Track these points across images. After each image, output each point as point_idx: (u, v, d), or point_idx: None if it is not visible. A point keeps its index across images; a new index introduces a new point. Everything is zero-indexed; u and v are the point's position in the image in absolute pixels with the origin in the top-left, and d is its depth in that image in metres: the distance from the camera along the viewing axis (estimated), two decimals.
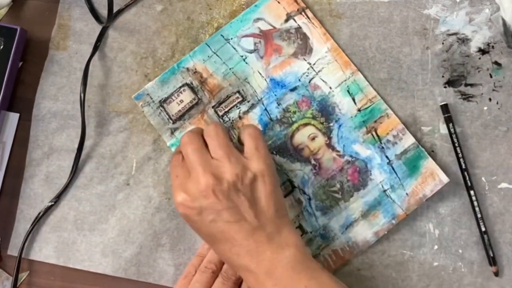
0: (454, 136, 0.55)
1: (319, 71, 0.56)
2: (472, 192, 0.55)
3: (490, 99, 0.56)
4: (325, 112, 0.56)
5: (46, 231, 0.56)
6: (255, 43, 0.57)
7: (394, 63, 0.57)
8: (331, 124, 0.56)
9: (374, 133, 0.56)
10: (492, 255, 0.54)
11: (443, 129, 0.56)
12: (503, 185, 0.56)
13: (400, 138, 0.55)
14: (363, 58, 0.57)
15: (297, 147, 0.56)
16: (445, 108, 0.56)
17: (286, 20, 0.57)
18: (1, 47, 0.55)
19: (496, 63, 0.57)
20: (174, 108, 0.56)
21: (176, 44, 0.57)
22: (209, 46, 0.57)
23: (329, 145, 0.56)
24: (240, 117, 0.56)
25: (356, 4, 0.58)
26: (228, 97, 0.56)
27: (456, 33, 0.57)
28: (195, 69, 0.56)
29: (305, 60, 0.56)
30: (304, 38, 0.57)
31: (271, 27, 0.57)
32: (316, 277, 0.47)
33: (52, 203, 0.55)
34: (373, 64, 0.57)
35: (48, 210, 0.56)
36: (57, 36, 0.58)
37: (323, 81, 0.56)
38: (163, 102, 0.56)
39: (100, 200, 0.56)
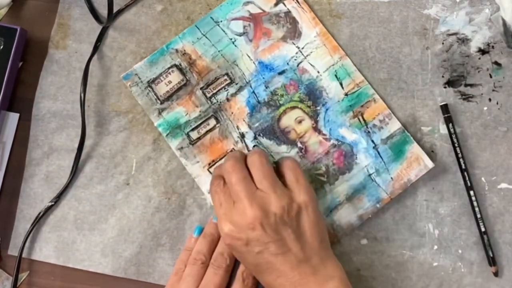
0: (454, 136, 0.55)
1: (307, 55, 0.57)
2: (472, 192, 0.55)
3: (490, 99, 0.56)
4: (313, 96, 0.56)
5: (46, 231, 0.56)
6: (244, 26, 0.57)
7: (394, 63, 0.57)
8: (318, 108, 0.56)
9: (360, 117, 0.56)
10: (492, 255, 0.54)
11: (443, 129, 0.56)
12: (503, 185, 0.56)
13: (386, 123, 0.56)
14: (363, 58, 0.57)
15: (284, 130, 0.56)
16: (445, 108, 0.56)
17: (276, 4, 0.57)
18: (1, 47, 0.56)
19: (496, 63, 0.57)
20: (162, 88, 0.56)
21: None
22: (198, 28, 0.57)
23: (316, 129, 0.56)
24: (228, 99, 0.56)
25: (356, 4, 0.58)
26: (216, 79, 0.57)
27: (456, 33, 0.57)
28: (184, 50, 0.57)
29: (294, 44, 0.57)
30: (294, 22, 0.57)
31: (260, 11, 0.57)
32: None
33: (52, 203, 0.55)
34: (373, 64, 0.57)
35: (48, 210, 0.56)
36: (56, 35, 0.58)
37: (311, 65, 0.57)
38: (151, 83, 0.57)
39: (100, 200, 0.56)
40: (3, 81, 0.55)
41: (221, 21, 0.57)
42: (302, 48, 0.57)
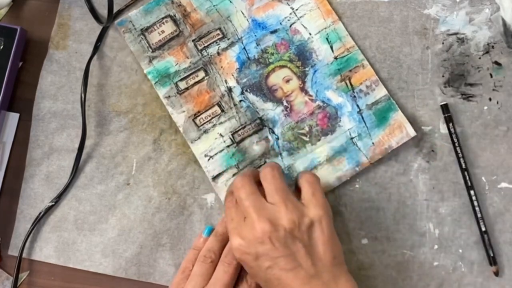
0: (454, 136, 0.55)
1: (300, 17, 0.57)
2: (472, 192, 0.55)
3: (490, 99, 0.57)
4: (302, 57, 0.57)
5: (46, 231, 0.56)
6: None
7: (394, 62, 0.57)
8: (307, 69, 0.57)
9: (348, 81, 0.56)
10: (492, 255, 0.54)
11: (443, 129, 0.56)
12: (503, 185, 0.56)
13: (372, 89, 0.56)
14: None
15: (271, 88, 0.57)
16: (445, 108, 0.56)
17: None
18: (1, 47, 0.55)
19: (496, 63, 0.57)
20: (155, 37, 0.57)
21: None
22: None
23: (303, 89, 0.57)
24: (218, 53, 0.57)
25: (356, 4, 0.58)
26: (209, 32, 0.57)
27: (456, 33, 0.57)
28: (180, 2, 0.57)
29: (289, 5, 0.57)
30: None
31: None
32: None
33: (53, 203, 0.55)
34: (373, 64, 0.57)
35: (48, 210, 0.56)
36: (56, 35, 0.58)
37: (303, 26, 0.57)
38: (144, 31, 0.57)
39: (101, 200, 0.56)
40: (3, 81, 0.55)
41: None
42: (296, 9, 0.57)
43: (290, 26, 0.57)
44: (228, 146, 0.56)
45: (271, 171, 0.49)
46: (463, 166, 0.55)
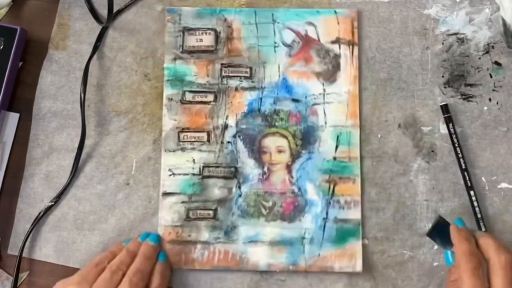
0: (454, 136, 0.55)
1: (327, 102, 0.56)
2: (472, 192, 0.55)
3: (490, 99, 0.56)
4: (306, 139, 0.56)
5: (46, 231, 0.56)
6: (293, 40, 0.57)
7: (394, 63, 0.57)
8: (303, 152, 0.56)
9: (332, 186, 0.55)
10: None
11: (443, 129, 0.56)
12: (503, 185, 0.56)
13: (349, 207, 0.55)
14: (363, 58, 0.57)
15: (262, 148, 0.56)
16: (445, 108, 0.56)
17: (333, 42, 0.57)
18: (1, 47, 0.56)
19: (496, 63, 0.57)
20: (191, 41, 0.57)
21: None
22: (255, 15, 0.57)
23: (289, 167, 0.56)
24: (236, 89, 0.57)
25: (356, 4, 0.58)
26: (239, 66, 0.57)
27: (456, 33, 0.57)
28: (231, 24, 0.57)
29: (323, 86, 0.56)
30: (336, 67, 0.57)
31: (316, 38, 0.57)
32: None
33: (52, 203, 0.55)
34: (373, 64, 0.57)
35: (48, 210, 0.56)
36: (56, 36, 0.58)
37: (324, 112, 0.56)
38: (186, 30, 0.57)
39: (100, 200, 0.56)
40: (3, 81, 0.55)
41: (278, 23, 0.57)
42: (327, 93, 0.56)
43: (313, 105, 0.56)
44: (193, 174, 0.56)
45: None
46: (463, 166, 0.55)
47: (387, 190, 0.56)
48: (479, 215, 0.55)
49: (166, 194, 0.55)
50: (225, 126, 0.56)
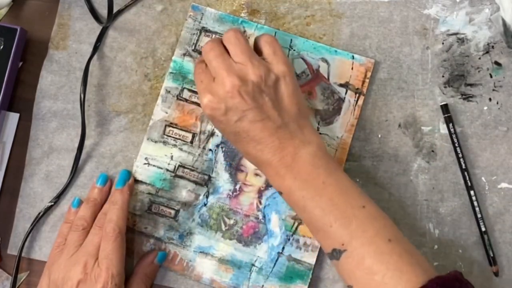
0: (454, 136, 0.55)
1: None
2: (472, 192, 0.55)
3: (490, 99, 0.56)
4: None
5: (46, 230, 0.56)
6: (303, 72, 0.57)
7: (394, 63, 0.57)
8: None
9: (296, 225, 0.55)
10: (492, 255, 0.54)
11: (443, 129, 0.56)
12: (503, 185, 0.56)
13: (307, 249, 0.55)
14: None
15: (240, 166, 0.56)
16: (445, 108, 0.56)
17: (341, 85, 0.56)
18: (1, 47, 0.56)
19: (496, 63, 0.57)
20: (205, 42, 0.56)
21: (176, 44, 0.57)
22: (275, 36, 0.56)
23: (260, 192, 0.56)
24: None
25: (356, 4, 0.58)
26: None
27: (456, 33, 0.57)
28: (249, 37, 0.56)
29: (318, 124, 0.56)
30: (337, 111, 0.56)
31: (326, 76, 0.56)
32: (334, 174, 0.49)
33: (52, 203, 0.55)
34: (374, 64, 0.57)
35: (48, 210, 0.56)
36: (56, 36, 0.58)
37: None
38: (203, 30, 0.57)
39: None
40: (3, 81, 0.55)
41: (294, 50, 0.57)
42: (320, 133, 0.56)
43: None
44: (167, 170, 0.56)
45: (235, 33, 0.51)
46: (463, 166, 0.55)
47: (387, 190, 0.56)
48: (479, 215, 0.55)
49: (135, 181, 0.56)
50: (211, 134, 0.56)
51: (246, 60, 0.49)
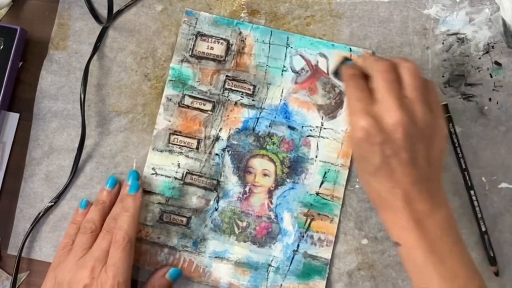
0: (454, 135, 0.55)
1: (321, 137, 0.56)
2: (472, 192, 0.55)
3: (490, 99, 0.57)
4: (293, 168, 0.56)
5: (46, 231, 0.56)
6: (302, 68, 0.57)
7: None
8: (288, 180, 0.55)
9: (309, 220, 0.55)
10: (492, 255, 0.54)
11: None
12: (503, 185, 0.56)
13: (322, 245, 0.55)
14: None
15: (248, 168, 0.56)
16: (445, 108, 0.56)
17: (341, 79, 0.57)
18: (1, 47, 0.56)
19: (496, 63, 0.57)
20: (202, 47, 0.57)
21: (176, 44, 0.57)
22: (271, 35, 0.57)
23: (270, 192, 0.56)
24: (235, 103, 0.56)
25: (356, 4, 0.58)
26: (244, 81, 0.56)
27: (456, 33, 0.57)
28: (245, 38, 0.57)
29: (322, 119, 0.56)
30: (339, 104, 0.56)
31: (325, 71, 0.56)
32: (460, 245, 0.47)
33: (52, 203, 0.55)
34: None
35: (48, 210, 0.56)
36: (56, 36, 0.58)
37: (317, 146, 0.56)
38: (199, 35, 0.57)
39: None
40: (3, 81, 0.55)
41: (292, 47, 0.57)
42: (324, 128, 0.56)
43: (307, 136, 0.56)
44: (175, 178, 0.56)
45: (415, 67, 0.47)
46: (463, 166, 0.55)
47: None
48: (479, 215, 0.55)
49: (144, 192, 0.55)
50: (217, 138, 0.56)
51: (418, 99, 0.46)
